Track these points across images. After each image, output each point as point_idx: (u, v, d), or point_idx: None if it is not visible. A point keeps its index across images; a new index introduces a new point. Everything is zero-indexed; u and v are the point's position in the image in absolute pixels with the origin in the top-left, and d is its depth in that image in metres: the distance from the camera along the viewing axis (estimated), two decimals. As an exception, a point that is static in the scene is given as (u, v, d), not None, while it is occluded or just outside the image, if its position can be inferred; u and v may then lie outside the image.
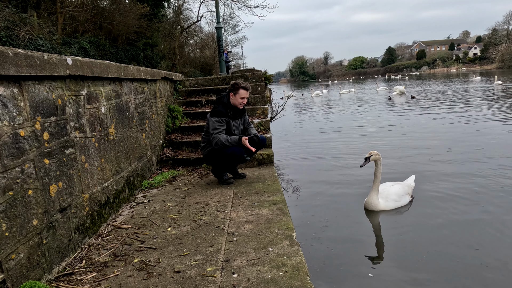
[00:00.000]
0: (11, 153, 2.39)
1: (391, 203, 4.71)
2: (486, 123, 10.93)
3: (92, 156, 3.57)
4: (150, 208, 4.29)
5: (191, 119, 7.43)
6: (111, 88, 4.18)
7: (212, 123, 4.96)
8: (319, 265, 3.39)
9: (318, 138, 10.69)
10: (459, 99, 19.68)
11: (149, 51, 17.88)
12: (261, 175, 5.51)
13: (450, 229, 4.02)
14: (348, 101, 24.65)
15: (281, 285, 2.48)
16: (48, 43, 10.11)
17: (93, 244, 3.33)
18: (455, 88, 29.09)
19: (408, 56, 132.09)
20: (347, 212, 4.75)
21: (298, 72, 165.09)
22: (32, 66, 2.59)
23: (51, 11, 11.78)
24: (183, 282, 2.61)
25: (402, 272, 3.23)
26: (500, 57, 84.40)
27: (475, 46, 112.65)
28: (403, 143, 8.83)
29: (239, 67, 44.43)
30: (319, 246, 3.79)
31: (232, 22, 32.20)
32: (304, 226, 4.29)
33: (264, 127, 6.91)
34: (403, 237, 3.95)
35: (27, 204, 2.52)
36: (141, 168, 5.21)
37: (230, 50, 35.43)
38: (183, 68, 24.27)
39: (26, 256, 2.47)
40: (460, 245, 3.65)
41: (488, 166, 6.27)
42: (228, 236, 3.36)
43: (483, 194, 4.99)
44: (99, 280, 2.71)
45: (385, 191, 4.79)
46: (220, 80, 8.90)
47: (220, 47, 14.95)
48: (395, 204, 4.72)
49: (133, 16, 14.53)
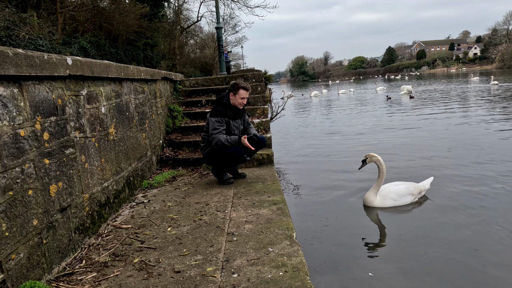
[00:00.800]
0: (11, 153, 2.39)
1: (388, 201, 4.77)
2: (492, 124, 10.91)
3: (92, 156, 3.57)
4: (150, 208, 4.29)
5: (191, 119, 7.43)
6: (111, 88, 4.18)
7: (212, 123, 4.96)
8: (319, 265, 3.40)
9: (318, 138, 10.69)
10: (463, 98, 19.74)
11: (149, 51, 17.88)
12: (261, 175, 5.51)
13: (451, 229, 4.03)
14: (347, 101, 24.67)
15: (281, 285, 2.48)
16: (48, 43, 10.11)
17: (93, 244, 3.33)
18: (455, 88, 29.13)
19: (408, 56, 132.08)
20: (347, 212, 4.75)
21: (298, 72, 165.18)
22: (32, 66, 2.59)
23: (51, 11, 11.78)
24: (183, 282, 2.61)
25: (402, 271, 3.23)
26: (500, 57, 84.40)
27: (475, 46, 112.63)
28: (404, 143, 8.83)
29: (239, 67, 44.40)
30: (319, 246, 3.80)
31: (232, 22, 32.22)
32: (304, 226, 4.29)
33: (264, 127, 6.91)
34: (404, 237, 3.95)
35: (27, 204, 2.52)
36: (141, 168, 5.21)
37: (230, 50, 35.41)
38: (183, 68, 24.27)
39: (26, 256, 2.47)
40: (460, 246, 3.65)
41: (496, 168, 6.17)
42: (228, 236, 3.36)
43: (489, 197, 4.91)
44: (99, 280, 2.71)
45: (387, 189, 4.85)
46: (220, 80, 8.90)
47: (220, 47, 14.95)
48: (392, 203, 4.77)
49: (133, 16, 14.53)
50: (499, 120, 11.27)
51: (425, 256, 3.45)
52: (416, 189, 4.94)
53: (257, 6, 21.43)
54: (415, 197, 4.92)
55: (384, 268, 3.33)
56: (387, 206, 4.77)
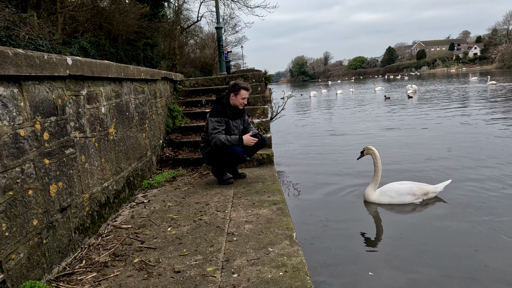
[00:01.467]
0: (11, 153, 2.39)
1: (385, 198, 4.83)
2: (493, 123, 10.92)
3: (92, 156, 3.57)
4: (150, 208, 4.29)
5: (191, 119, 7.43)
6: (111, 88, 4.18)
7: (212, 123, 4.96)
8: (319, 264, 3.39)
9: (319, 138, 10.69)
10: (465, 98, 19.83)
11: (149, 51, 17.87)
12: (261, 175, 5.51)
13: (452, 229, 4.02)
14: (345, 101, 24.68)
15: (281, 285, 2.48)
16: (48, 43, 10.11)
17: (93, 244, 3.33)
18: (455, 88, 29.17)
19: (408, 56, 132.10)
20: (347, 211, 4.75)
21: (298, 72, 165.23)
22: (32, 66, 2.59)
23: (51, 11, 11.77)
24: (183, 282, 2.61)
25: (402, 271, 3.23)
26: (500, 57, 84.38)
27: (475, 46, 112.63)
28: (404, 142, 8.84)
29: (239, 67, 44.40)
30: (319, 245, 3.79)
31: (232, 22, 32.18)
32: (304, 226, 4.29)
33: (264, 127, 6.91)
34: (404, 236, 3.95)
35: (27, 204, 2.52)
36: (141, 168, 5.21)
37: (230, 50, 35.40)
38: (183, 68, 24.25)
39: (26, 256, 2.47)
40: (460, 246, 3.65)
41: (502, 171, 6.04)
42: (228, 236, 3.36)
43: (495, 199, 4.83)
44: (99, 280, 2.71)
45: (389, 186, 4.90)
46: (220, 80, 8.90)
47: (220, 47, 14.95)
48: (388, 200, 4.82)
49: (133, 16, 14.52)
50: (498, 120, 11.28)
51: (425, 255, 3.45)
52: (421, 190, 4.84)
53: (257, 6, 21.44)
54: (418, 198, 4.84)
55: (385, 267, 3.33)
56: (383, 203, 4.82)
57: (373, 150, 4.93)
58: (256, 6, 21.43)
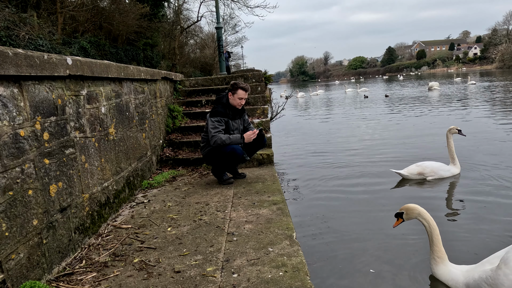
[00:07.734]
0: (11, 153, 2.39)
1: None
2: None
3: (92, 156, 3.57)
4: (150, 208, 4.29)
5: (191, 119, 7.44)
6: (111, 88, 4.18)
7: (211, 123, 4.96)
8: (319, 264, 3.39)
9: (319, 138, 10.69)
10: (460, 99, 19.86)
11: (149, 51, 17.88)
12: (261, 175, 5.52)
13: (452, 230, 4.02)
14: (345, 101, 24.70)
15: (281, 285, 2.48)
16: (48, 43, 10.11)
17: (93, 244, 3.33)
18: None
19: (408, 56, 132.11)
20: (347, 211, 4.75)
21: (298, 72, 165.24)
22: (32, 66, 2.59)
23: (51, 11, 11.78)
24: (183, 282, 2.61)
25: (403, 269, 3.23)
26: (500, 57, 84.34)
27: (475, 46, 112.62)
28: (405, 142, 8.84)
29: (239, 67, 44.39)
30: (319, 245, 3.79)
31: (232, 22, 32.21)
32: (304, 226, 4.29)
33: (264, 127, 6.91)
34: (404, 236, 3.94)
35: (27, 204, 2.52)
36: (141, 168, 5.21)
37: (231, 51, 35.41)
38: (183, 68, 24.26)
39: (26, 256, 2.47)
40: (460, 245, 3.65)
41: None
42: (228, 236, 3.36)
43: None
44: (99, 280, 2.71)
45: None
46: (220, 80, 8.90)
47: (220, 47, 14.94)
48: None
49: (133, 16, 14.53)
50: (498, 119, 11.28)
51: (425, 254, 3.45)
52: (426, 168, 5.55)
53: (257, 6, 21.44)
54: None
55: (385, 267, 3.32)
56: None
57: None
58: (256, 6, 21.44)
